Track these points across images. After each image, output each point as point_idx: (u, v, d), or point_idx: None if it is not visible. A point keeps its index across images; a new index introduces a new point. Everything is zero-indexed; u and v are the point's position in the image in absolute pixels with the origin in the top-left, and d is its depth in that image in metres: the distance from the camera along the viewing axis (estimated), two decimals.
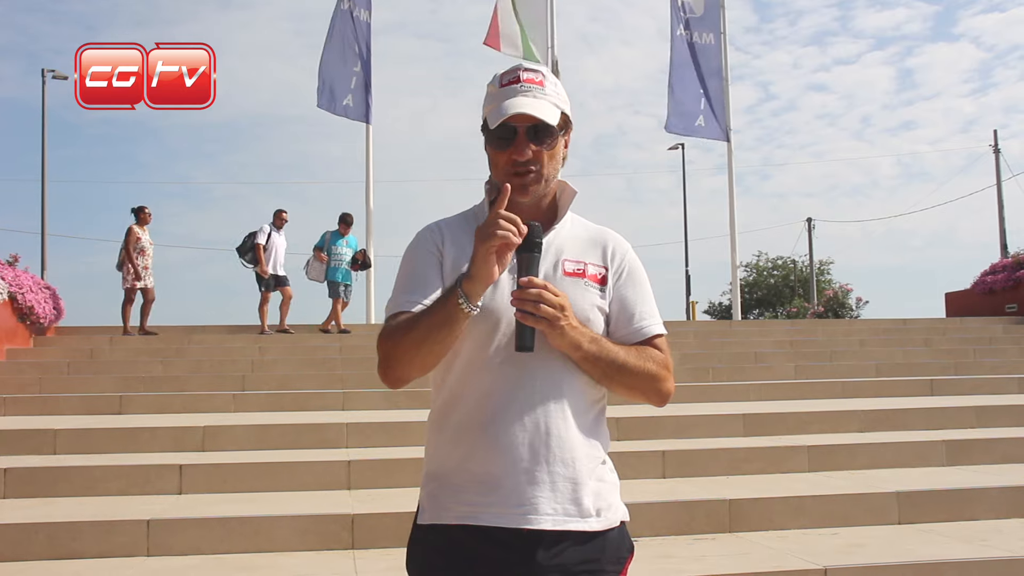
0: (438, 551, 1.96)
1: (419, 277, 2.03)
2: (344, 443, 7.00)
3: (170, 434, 7.01)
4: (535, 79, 1.99)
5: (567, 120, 2.02)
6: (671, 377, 2.01)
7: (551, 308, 1.83)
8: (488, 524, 1.89)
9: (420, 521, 2.00)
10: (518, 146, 1.96)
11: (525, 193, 1.97)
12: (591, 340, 1.90)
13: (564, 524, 1.89)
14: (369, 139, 17.54)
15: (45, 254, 28.27)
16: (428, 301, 1.95)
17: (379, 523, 5.08)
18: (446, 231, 2.08)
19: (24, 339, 12.25)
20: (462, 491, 1.93)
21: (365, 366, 10.90)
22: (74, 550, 4.84)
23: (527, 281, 1.84)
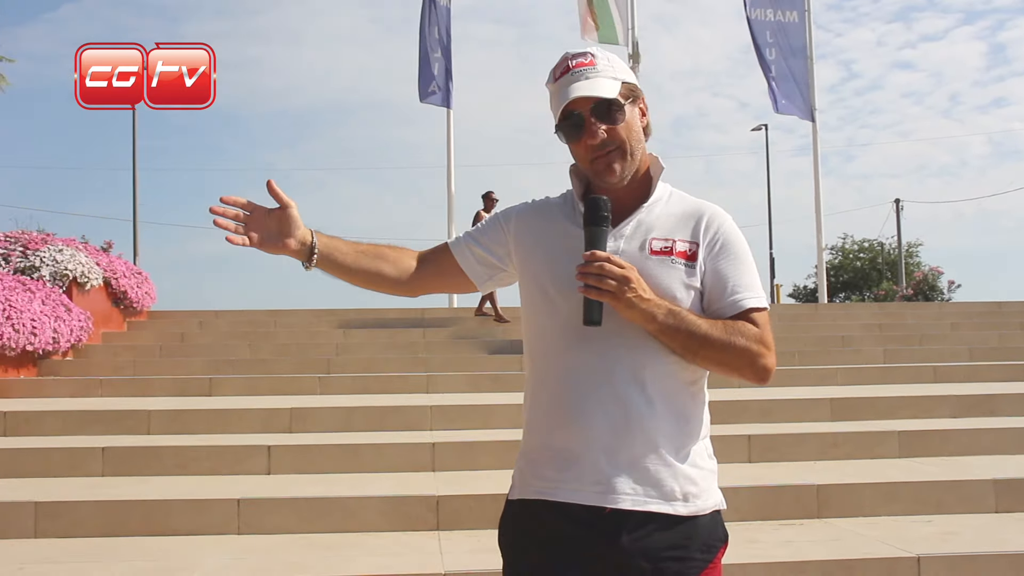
0: (523, 526, 1.99)
1: (476, 231, 2.15)
2: (428, 425, 7.05)
3: (258, 416, 7.15)
4: (584, 61, 1.96)
5: (632, 89, 1.98)
6: (768, 353, 1.95)
7: (614, 280, 1.82)
8: (564, 500, 1.90)
9: (508, 496, 2.03)
10: (588, 131, 1.93)
11: (612, 173, 1.95)
12: (668, 312, 1.87)
13: (644, 505, 1.87)
14: (450, 124, 17.62)
15: (137, 240, 29.08)
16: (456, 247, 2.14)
17: (463, 505, 5.11)
18: (523, 212, 2.12)
19: (119, 323, 12.61)
20: (542, 467, 1.95)
21: (448, 349, 10.99)
22: (168, 527, 4.96)
23: (590, 254, 1.84)
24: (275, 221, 2.00)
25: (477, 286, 2.16)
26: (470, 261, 2.13)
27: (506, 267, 2.12)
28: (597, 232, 1.88)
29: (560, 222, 2.03)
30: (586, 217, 1.90)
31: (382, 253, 2.12)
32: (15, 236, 11.63)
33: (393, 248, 2.15)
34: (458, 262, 2.13)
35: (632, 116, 1.97)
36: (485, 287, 2.17)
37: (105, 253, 13.12)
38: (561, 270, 1.94)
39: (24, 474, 5.88)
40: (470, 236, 2.15)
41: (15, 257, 11.04)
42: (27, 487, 5.48)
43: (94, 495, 5.28)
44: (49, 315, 9.82)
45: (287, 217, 1.99)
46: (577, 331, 1.90)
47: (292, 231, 1.99)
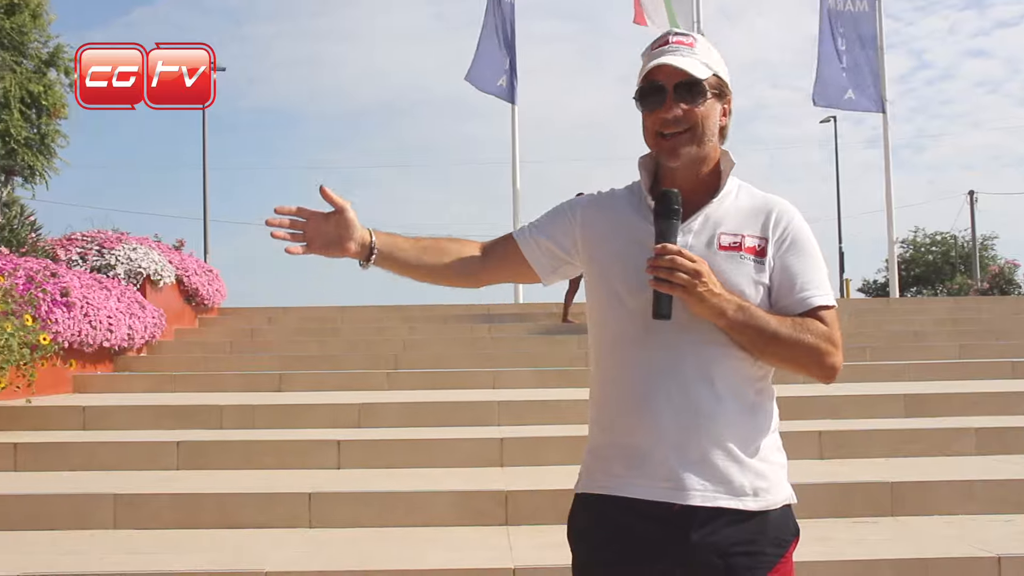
0: (591, 521, 1.99)
1: (541, 222, 2.14)
2: (496, 421, 7.07)
3: (327, 411, 7.23)
4: (685, 41, 1.95)
5: (722, 85, 1.96)
6: (837, 352, 1.93)
7: (685, 274, 1.81)
8: (634, 496, 1.89)
9: (575, 490, 2.04)
10: (666, 104, 1.92)
11: (675, 156, 1.94)
12: (737, 308, 1.85)
13: (714, 501, 1.86)
14: (515, 120, 17.64)
15: (207, 238, 29.58)
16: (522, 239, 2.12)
17: (532, 500, 5.11)
18: (590, 204, 2.11)
19: (190, 319, 12.85)
20: (610, 463, 1.95)
21: (514, 345, 11.00)
22: (240, 520, 5.04)
23: (661, 248, 1.83)
24: (332, 225, 2.01)
25: (541, 278, 2.15)
26: (535, 253, 2.12)
27: (572, 259, 2.11)
28: (668, 225, 1.88)
29: (627, 215, 2.02)
30: (657, 210, 1.90)
31: (443, 247, 2.13)
32: (92, 235, 11.90)
33: (454, 240, 2.15)
34: (523, 253, 2.13)
35: (712, 108, 1.95)
36: (549, 279, 2.16)
37: (177, 251, 13.37)
38: (628, 264, 1.94)
39: (103, 467, 6.02)
40: (536, 227, 2.14)
41: (92, 256, 11.30)
42: (106, 479, 5.61)
43: (169, 488, 5.39)
44: (124, 312, 10.04)
45: (344, 220, 2.00)
46: (645, 326, 1.89)
47: (350, 233, 2.01)
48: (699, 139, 1.94)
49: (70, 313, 8.78)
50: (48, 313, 8.37)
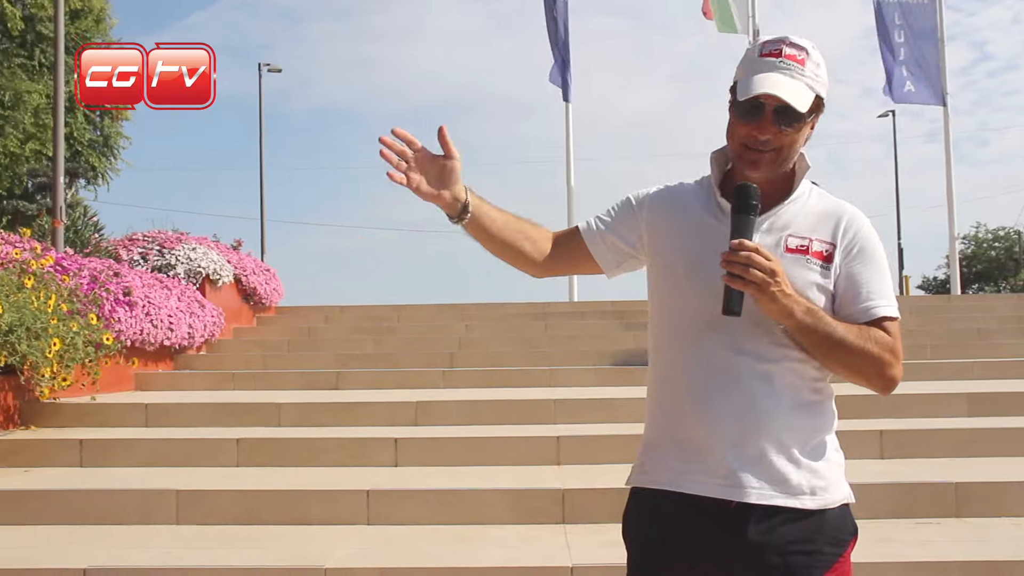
0: (645, 515, 2.00)
1: (607, 216, 2.12)
2: (552, 419, 7.05)
3: (384, 409, 7.27)
4: (797, 57, 1.90)
5: (819, 104, 1.93)
6: (897, 364, 1.90)
7: (761, 272, 1.78)
8: (690, 492, 1.88)
9: (629, 484, 2.04)
10: (762, 124, 1.89)
11: (755, 169, 1.92)
12: (806, 311, 1.82)
13: (771, 499, 1.85)
14: (569, 118, 17.60)
15: (264, 238, 29.90)
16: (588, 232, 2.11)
17: (589, 499, 5.09)
18: (657, 197, 2.09)
19: (248, 318, 13.01)
20: (667, 458, 1.95)
21: (570, 344, 10.96)
22: (300, 516, 5.09)
23: (738, 243, 1.80)
24: (437, 168, 1.97)
25: (605, 272, 2.14)
26: (600, 247, 2.11)
27: (637, 253, 2.09)
28: (745, 220, 1.85)
29: (695, 210, 2.01)
30: (734, 204, 1.87)
31: (526, 230, 2.10)
32: (152, 236, 12.11)
33: (535, 226, 2.13)
34: (588, 247, 2.11)
35: (804, 128, 1.92)
36: (613, 273, 2.15)
37: (235, 251, 13.55)
38: (694, 259, 1.92)
39: (165, 463, 6.11)
40: (601, 221, 2.12)
41: (152, 256, 11.49)
42: (169, 476, 5.70)
43: (230, 484, 5.46)
44: (184, 311, 10.19)
45: (450, 168, 1.97)
46: (706, 322, 1.88)
47: (451, 183, 1.97)
48: (783, 160, 1.93)
49: (132, 312, 8.94)
50: (111, 312, 8.53)
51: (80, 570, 4.22)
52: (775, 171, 1.93)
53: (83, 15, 21.49)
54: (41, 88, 20.19)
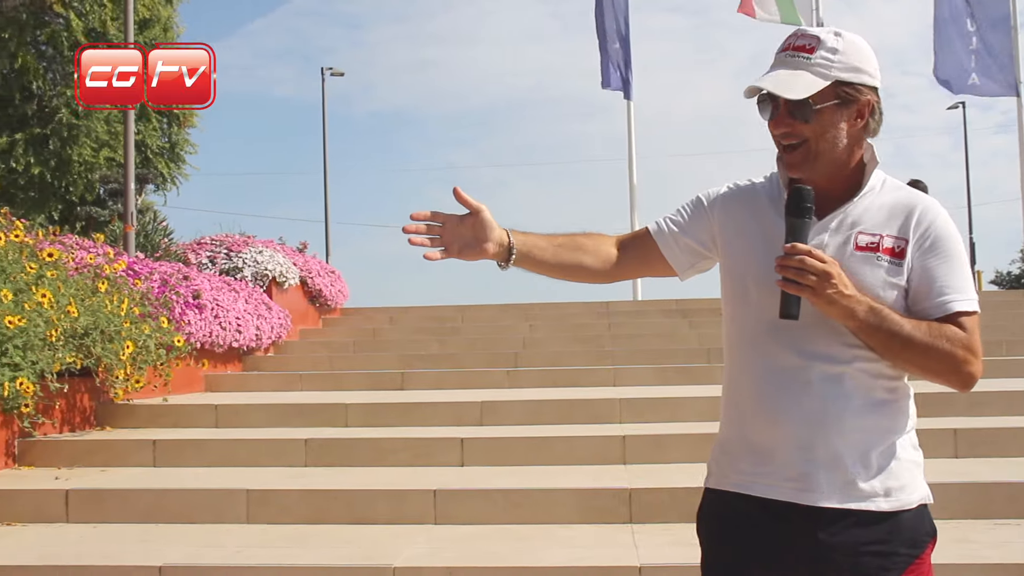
0: (718, 517, 1.98)
1: (677, 217, 2.10)
2: (617, 418, 7.03)
3: (450, 409, 7.30)
4: (806, 46, 1.87)
5: (847, 90, 1.86)
6: (975, 360, 1.85)
7: (814, 275, 1.76)
8: (760, 495, 1.87)
9: (704, 484, 2.03)
10: (777, 120, 1.88)
11: (792, 169, 1.89)
12: (869, 310, 1.79)
13: (842, 502, 1.82)
14: (631, 116, 17.53)
15: (329, 240, 30.23)
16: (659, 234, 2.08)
17: (656, 498, 5.06)
18: (727, 196, 2.07)
19: (314, 320, 13.17)
20: (738, 460, 1.93)
21: (633, 343, 10.92)
22: (368, 516, 5.13)
23: (790, 247, 1.78)
24: (469, 227, 1.97)
25: (678, 274, 2.12)
26: (673, 249, 2.09)
27: (710, 253, 2.07)
28: (799, 224, 1.83)
29: (764, 209, 1.98)
30: (788, 207, 1.85)
31: (580, 244, 2.08)
32: (220, 239, 12.31)
33: (589, 236, 2.11)
34: (660, 249, 2.09)
35: (831, 119, 1.87)
36: (686, 275, 2.13)
37: (301, 253, 13.72)
38: (760, 261, 1.90)
39: (235, 463, 6.21)
40: (673, 222, 2.10)
41: (220, 259, 11.69)
42: (239, 475, 5.79)
43: (299, 484, 5.52)
44: (252, 313, 10.34)
45: (481, 221, 1.96)
46: (774, 324, 1.86)
47: (488, 234, 1.97)
48: (816, 155, 1.88)
49: (202, 315, 9.10)
50: (181, 315, 8.69)
51: (156, 568, 4.31)
52: (815, 168, 1.88)
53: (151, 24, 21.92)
54: None
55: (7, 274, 5.64)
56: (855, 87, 1.87)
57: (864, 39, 1.92)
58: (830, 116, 1.86)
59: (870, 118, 1.90)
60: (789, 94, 1.84)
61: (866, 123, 1.90)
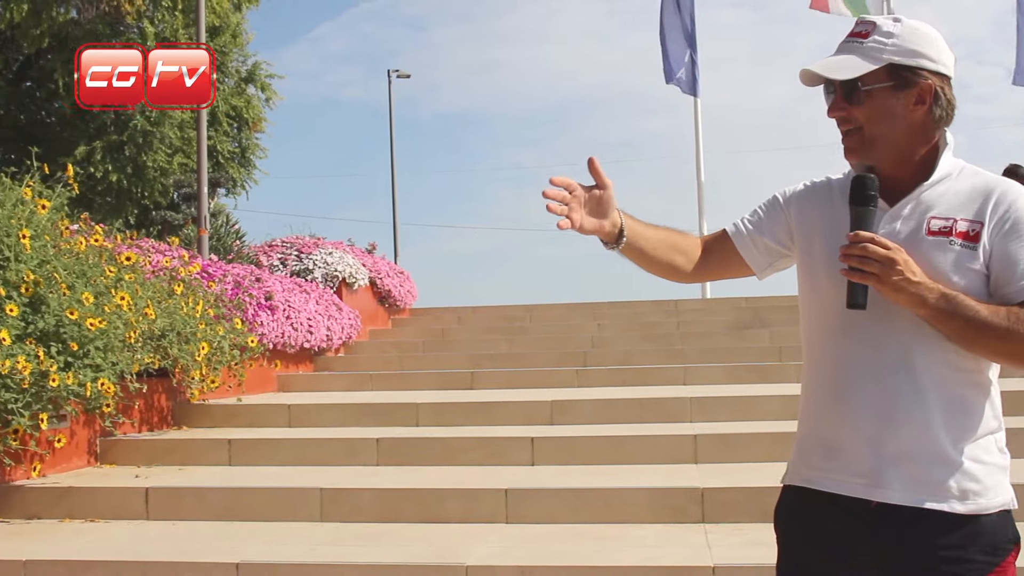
0: (792, 513, 1.97)
1: (755, 217, 2.09)
2: (688, 417, 6.98)
3: (520, 408, 7.31)
4: (862, 31, 1.86)
5: (904, 73, 1.83)
6: None
7: (877, 262, 1.73)
8: (829, 491, 1.84)
9: (782, 481, 2.01)
10: (832, 104, 1.88)
11: (850, 155, 1.89)
12: (940, 296, 1.74)
13: (914, 501, 1.77)
14: (697, 112, 17.40)
15: (397, 241, 30.51)
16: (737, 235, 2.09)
17: (729, 497, 5.01)
18: (802, 193, 2.05)
19: (384, 320, 13.28)
20: (810, 454, 1.91)
21: (703, 341, 10.84)
22: (440, 515, 5.16)
23: (853, 235, 1.77)
24: (594, 200, 1.97)
25: (756, 273, 2.11)
26: (751, 249, 2.08)
27: (789, 251, 2.06)
28: (863, 212, 1.81)
29: (836, 202, 1.96)
30: (851, 196, 1.83)
31: (676, 243, 2.09)
32: (290, 241, 12.48)
33: (684, 236, 2.12)
34: (738, 250, 2.09)
35: (884, 102, 1.84)
36: (764, 274, 2.12)
37: (370, 254, 13.84)
38: (830, 252, 1.88)
39: (308, 462, 6.29)
40: (750, 222, 2.09)
41: (291, 261, 11.85)
42: (312, 474, 5.86)
43: (371, 483, 5.57)
44: (323, 314, 10.47)
45: (606, 197, 1.97)
46: (845, 316, 1.83)
47: (607, 212, 1.97)
48: (868, 141, 1.86)
49: (274, 316, 9.23)
50: (254, 316, 8.82)
51: (233, 564, 4.38)
52: (871, 153, 1.87)
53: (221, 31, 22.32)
54: None
55: (88, 278, 5.78)
56: (913, 70, 1.84)
57: (932, 27, 1.89)
58: (883, 99, 1.84)
59: (934, 104, 1.85)
60: (834, 75, 1.84)
61: (929, 109, 1.86)
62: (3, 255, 5.16)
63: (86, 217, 6.99)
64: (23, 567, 4.51)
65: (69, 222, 6.28)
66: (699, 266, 2.12)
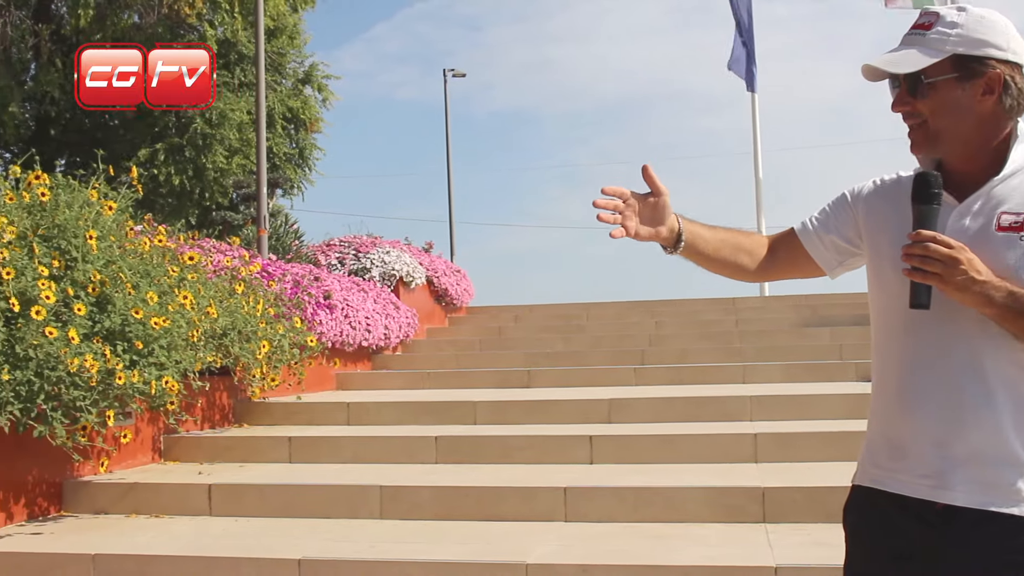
0: (859, 513, 1.94)
1: (823, 215, 2.07)
2: (747, 416, 6.91)
3: (577, 406, 7.29)
4: (925, 23, 1.82)
5: (970, 65, 1.79)
6: None
7: (940, 262, 1.70)
8: (895, 491, 1.82)
9: (852, 480, 1.99)
10: (896, 99, 1.84)
11: (914, 149, 1.86)
12: (1008, 295, 1.70)
13: (980, 503, 1.74)
14: (755, 109, 17.26)
15: (453, 239, 30.67)
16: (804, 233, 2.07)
17: (790, 497, 4.95)
18: (871, 191, 2.02)
19: (440, 319, 13.34)
20: (877, 454, 1.89)
21: (762, 339, 10.74)
22: (499, 513, 5.17)
23: (914, 234, 1.73)
24: (649, 208, 1.99)
25: (827, 272, 2.09)
26: (819, 247, 2.06)
27: (858, 250, 2.03)
28: (925, 211, 1.78)
29: (904, 200, 1.91)
30: (913, 194, 1.80)
31: (740, 243, 2.09)
32: (348, 240, 12.60)
33: (748, 235, 2.13)
34: (806, 248, 2.07)
35: (949, 94, 1.80)
36: (835, 273, 2.10)
37: (426, 253, 13.93)
38: (897, 252, 1.84)
39: (367, 459, 6.34)
40: (817, 220, 2.07)
41: (349, 260, 11.95)
42: (372, 472, 5.91)
43: (430, 480, 5.60)
44: (380, 313, 10.55)
45: (661, 204, 1.99)
46: (910, 316, 1.80)
47: (664, 218, 2.00)
48: (933, 135, 1.82)
49: (332, 315, 9.32)
50: (313, 315, 8.91)
51: (295, 560, 4.43)
52: (936, 147, 1.84)
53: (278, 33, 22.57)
54: (243, 105, 21.32)
55: (152, 277, 5.87)
56: (980, 60, 1.80)
57: (1002, 16, 1.84)
58: (947, 91, 1.80)
59: (1003, 94, 1.80)
60: (896, 69, 1.81)
61: (998, 99, 1.81)
62: (71, 256, 5.27)
63: (149, 218, 7.10)
64: (92, 561, 4.61)
65: (133, 223, 6.38)
66: (766, 265, 2.12)
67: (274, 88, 22.30)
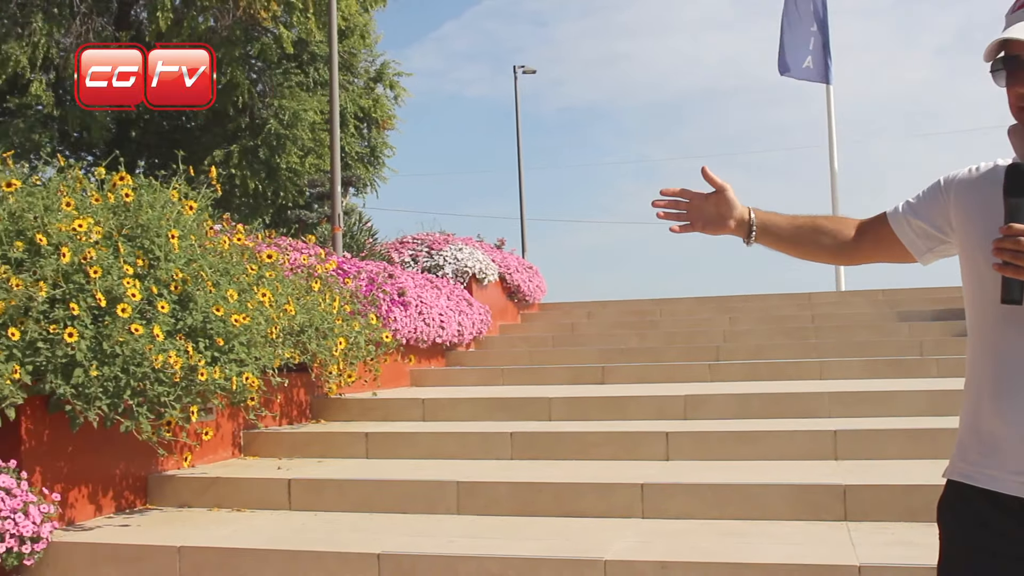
0: (952, 508, 1.90)
1: (915, 200, 2.05)
2: (826, 412, 6.80)
3: (652, 403, 7.25)
4: None
5: None
6: None
7: None
8: (985, 487, 1.78)
9: (943, 475, 1.96)
10: (1020, 78, 1.75)
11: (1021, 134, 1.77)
12: None
13: None
14: (830, 101, 16.97)
15: (524, 236, 30.69)
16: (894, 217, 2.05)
17: (873, 495, 4.86)
18: (964, 179, 1.96)
19: (513, 315, 13.37)
20: (968, 450, 1.85)
21: (839, 334, 10.56)
22: (576, 509, 5.16)
23: (1006, 228, 1.68)
24: (713, 204, 2.10)
25: (917, 258, 2.05)
26: (908, 233, 2.02)
27: (948, 238, 1.98)
28: (1017, 204, 1.72)
29: (998, 190, 1.87)
30: (1005, 186, 1.74)
31: (820, 226, 2.12)
32: (421, 238, 12.68)
33: (830, 219, 2.14)
34: (896, 234, 2.04)
35: None
36: (926, 259, 2.06)
37: (498, 250, 13.96)
38: (990, 243, 1.80)
39: (443, 455, 6.38)
40: (909, 206, 2.04)
41: (422, 257, 12.04)
42: (448, 467, 5.94)
43: (506, 476, 5.62)
44: (454, 310, 10.60)
45: (725, 199, 2.09)
46: (1004, 309, 1.75)
47: (730, 212, 2.09)
48: None
49: (407, 312, 9.39)
50: (388, 312, 8.99)
51: (375, 555, 4.47)
52: None
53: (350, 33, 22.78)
54: (316, 105, 21.58)
55: (231, 275, 5.98)
56: None
57: None
58: None
59: None
60: None
61: None
62: (154, 255, 5.38)
63: (228, 217, 7.23)
64: (178, 552, 4.72)
65: (212, 222, 6.50)
66: (853, 247, 2.12)
67: (346, 87, 22.50)
